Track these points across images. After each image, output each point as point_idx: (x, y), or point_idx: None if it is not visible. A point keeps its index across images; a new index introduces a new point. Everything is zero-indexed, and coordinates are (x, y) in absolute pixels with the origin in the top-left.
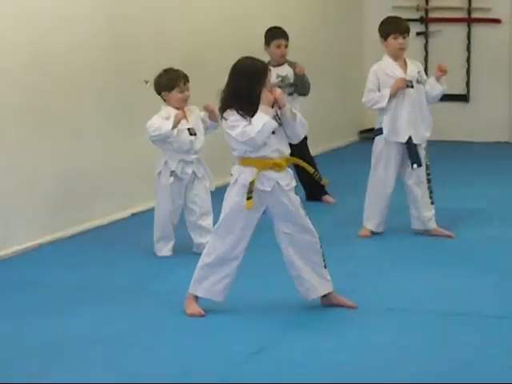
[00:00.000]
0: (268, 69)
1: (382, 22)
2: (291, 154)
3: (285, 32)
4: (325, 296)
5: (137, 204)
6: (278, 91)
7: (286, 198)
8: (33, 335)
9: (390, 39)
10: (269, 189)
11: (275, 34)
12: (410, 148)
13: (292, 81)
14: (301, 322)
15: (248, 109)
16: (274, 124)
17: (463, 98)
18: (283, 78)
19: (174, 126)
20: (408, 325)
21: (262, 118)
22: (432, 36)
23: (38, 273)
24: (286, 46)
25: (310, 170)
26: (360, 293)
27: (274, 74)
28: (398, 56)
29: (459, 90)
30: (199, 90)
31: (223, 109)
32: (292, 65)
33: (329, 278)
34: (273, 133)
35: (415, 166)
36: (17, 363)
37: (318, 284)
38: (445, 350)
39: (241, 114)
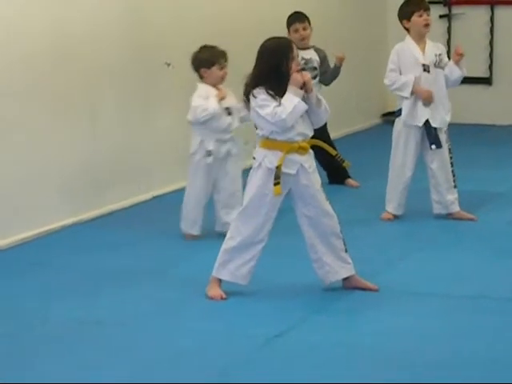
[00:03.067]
0: (293, 44)
1: (402, 5)
2: (311, 137)
3: (301, 16)
4: (347, 279)
5: (158, 186)
6: (308, 75)
7: (308, 180)
8: (55, 317)
9: (415, 17)
10: (294, 172)
11: (291, 20)
12: (428, 130)
13: (315, 65)
14: (322, 305)
15: (277, 87)
16: (305, 106)
17: (486, 81)
18: (307, 61)
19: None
20: (429, 308)
21: (293, 100)
22: (455, 18)
23: (61, 255)
24: (305, 29)
25: (333, 152)
26: (381, 276)
27: (299, 56)
28: (422, 35)
29: (482, 72)
30: None
31: (251, 88)
32: (319, 51)
33: (350, 261)
34: None
35: (434, 146)
36: (39, 344)
37: (338, 267)
38: (466, 333)
39: (271, 94)
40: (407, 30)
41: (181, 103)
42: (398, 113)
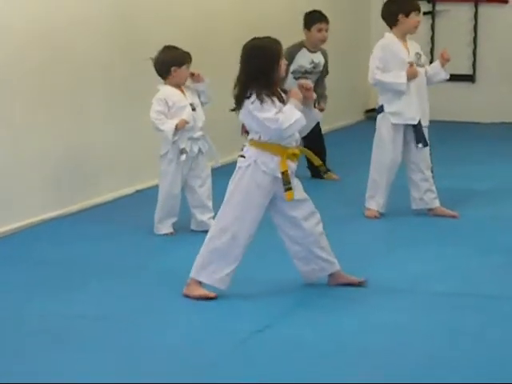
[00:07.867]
0: (281, 45)
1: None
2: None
3: (326, 16)
4: (332, 276)
5: (141, 181)
6: (312, 94)
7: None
8: (38, 311)
9: (413, 15)
10: (280, 176)
11: (316, 18)
12: (417, 129)
13: (321, 69)
14: (306, 300)
15: (268, 89)
16: (304, 121)
17: (469, 79)
18: (316, 65)
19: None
20: (411, 305)
21: (295, 113)
22: (439, 15)
23: (41, 249)
24: (327, 30)
25: (318, 162)
26: (365, 273)
27: (310, 59)
28: (409, 34)
29: (465, 70)
30: (205, 72)
31: (243, 91)
32: (324, 54)
33: (334, 258)
34: None
35: (420, 145)
36: (22, 338)
37: (324, 264)
38: (447, 330)
39: (271, 99)
40: (392, 25)
41: None
42: (380, 109)
